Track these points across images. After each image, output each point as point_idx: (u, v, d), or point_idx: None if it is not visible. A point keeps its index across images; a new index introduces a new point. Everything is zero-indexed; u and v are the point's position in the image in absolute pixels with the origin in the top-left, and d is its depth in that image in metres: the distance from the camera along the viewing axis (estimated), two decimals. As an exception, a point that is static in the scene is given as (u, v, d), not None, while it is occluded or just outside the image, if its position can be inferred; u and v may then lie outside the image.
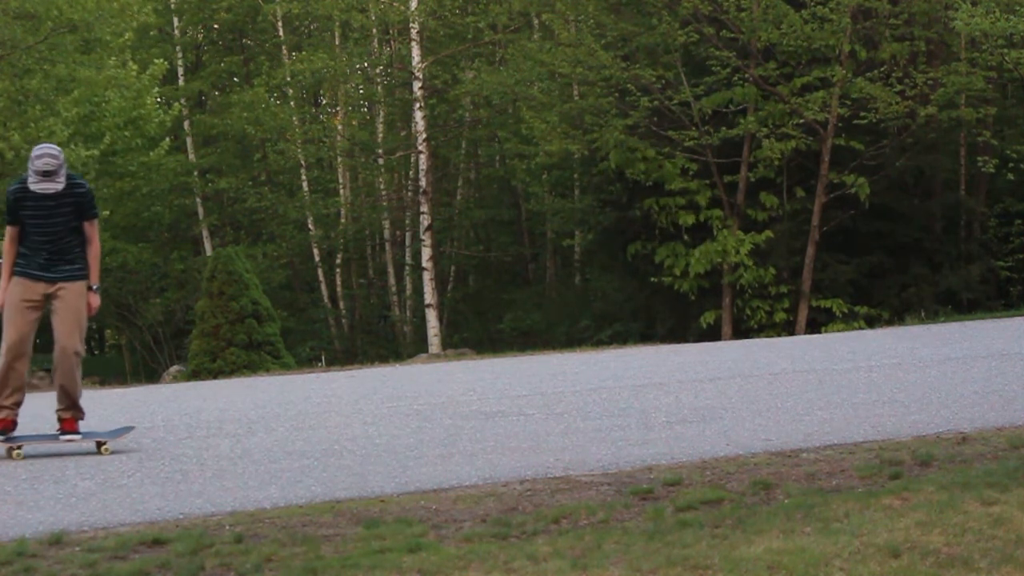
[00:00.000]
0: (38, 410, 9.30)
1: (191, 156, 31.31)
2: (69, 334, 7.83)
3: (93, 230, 7.99)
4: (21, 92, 20.88)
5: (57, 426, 8.02)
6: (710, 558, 4.58)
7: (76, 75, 21.47)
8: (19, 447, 7.74)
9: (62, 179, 7.71)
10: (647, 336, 24.00)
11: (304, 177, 31.10)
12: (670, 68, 24.05)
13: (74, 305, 7.87)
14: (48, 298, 7.91)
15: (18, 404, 7.85)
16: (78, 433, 7.97)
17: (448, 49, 30.47)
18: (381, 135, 31.99)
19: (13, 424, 7.84)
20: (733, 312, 23.57)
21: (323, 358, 25.06)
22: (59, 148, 7.93)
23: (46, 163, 7.67)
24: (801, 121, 22.77)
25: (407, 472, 6.83)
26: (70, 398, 7.92)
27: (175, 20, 31.50)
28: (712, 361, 13.20)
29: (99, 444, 7.87)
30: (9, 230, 7.95)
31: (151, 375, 26.86)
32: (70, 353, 7.83)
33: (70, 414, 7.97)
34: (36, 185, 7.69)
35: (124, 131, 23.50)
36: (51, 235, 7.85)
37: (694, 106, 23.33)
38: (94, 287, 7.99)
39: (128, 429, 8.39)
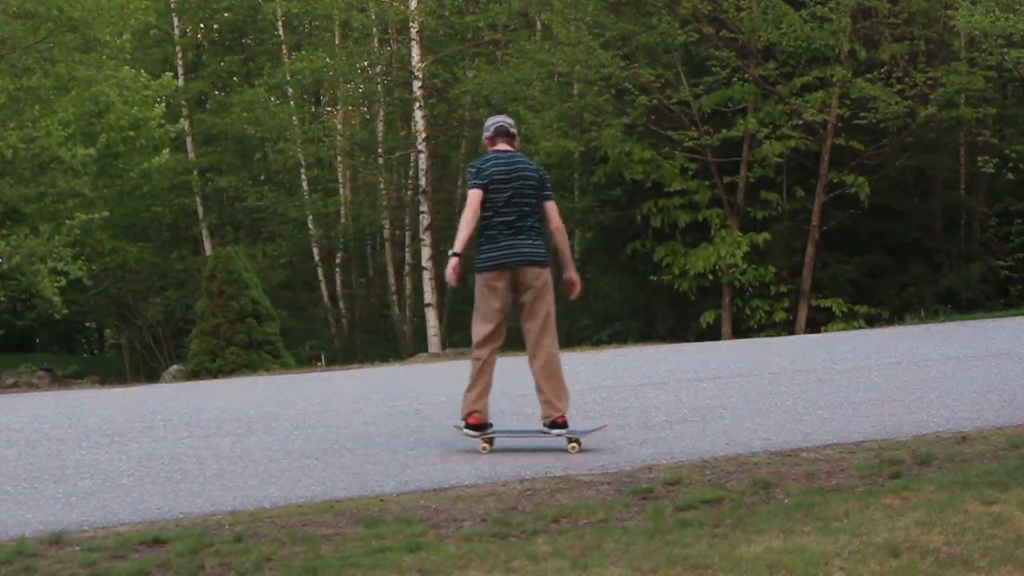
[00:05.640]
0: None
1: (191, 155, 31.31)
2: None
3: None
4: (21, 91, 20.87)
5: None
6: (710, 557, 4.57)
7: (76, 74, 21.46)
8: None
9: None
10: (647, 335, 23.99)
11: (304, 176, 31.12)
12: (670, 68, 24.04)
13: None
14: None
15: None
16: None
17: (448, 49, 30.47)
18: (381, 135, 31.99)
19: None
20: (733, 312, 23.56)
21: (323, 358, 25.04)
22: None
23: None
24: (801, 121, 22.76)
25: (407, 472, 6.82)
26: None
27: (175, 20, 31.50)
28: (712, 360, 13.19)
29: (571, 441, 7.35)
30: None
31: (151, 374, 26.86)
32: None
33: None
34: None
35: (128, 132, 23.48)
36: None
37: (693, 105, 23.31)
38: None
39: (601, 427, 7.88)
